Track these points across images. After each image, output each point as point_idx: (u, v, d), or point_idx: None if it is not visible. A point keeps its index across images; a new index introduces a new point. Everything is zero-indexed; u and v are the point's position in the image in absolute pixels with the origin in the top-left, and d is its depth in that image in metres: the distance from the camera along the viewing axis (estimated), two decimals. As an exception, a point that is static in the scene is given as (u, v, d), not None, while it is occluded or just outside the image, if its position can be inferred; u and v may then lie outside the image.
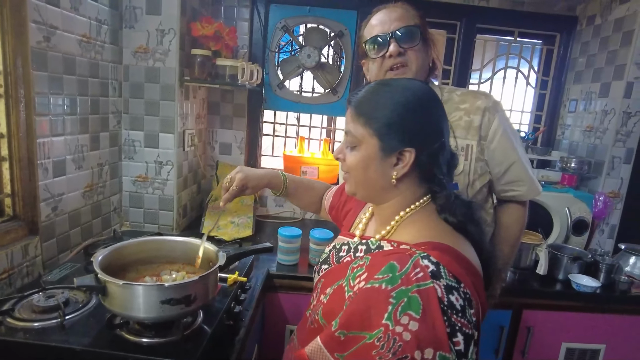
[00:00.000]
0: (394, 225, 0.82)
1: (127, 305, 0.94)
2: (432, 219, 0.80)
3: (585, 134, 2.10)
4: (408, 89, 0.78)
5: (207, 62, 1.84)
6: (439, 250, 0.70)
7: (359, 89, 0.83)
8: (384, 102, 0.77)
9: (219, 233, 1.91)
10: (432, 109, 0.79)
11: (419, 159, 0.76)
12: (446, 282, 0.65)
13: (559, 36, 2.28)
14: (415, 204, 0.81)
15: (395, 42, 1.14)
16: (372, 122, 0.77)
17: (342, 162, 0.85)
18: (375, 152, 0.77)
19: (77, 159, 1.55)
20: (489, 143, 1.19)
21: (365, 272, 0.73)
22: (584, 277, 1.75)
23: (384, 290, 0.65)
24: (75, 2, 1.45)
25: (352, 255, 0.86)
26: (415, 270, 0.65)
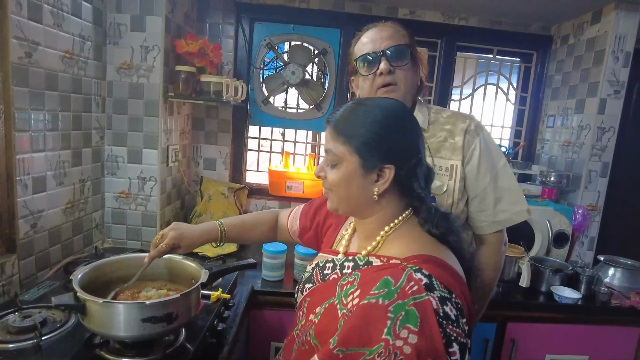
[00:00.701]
0: (379, 240, 0.83)
1: (107, 324, 0.92)
2: (416, 232, 0.82)
3: (563, 148, 2.16)
4: (384, 107, 0.81)
5: (191, 79, 1.85)
6: (430, 262, 0.72)
7: (337, 108, 0.85)
8: (362, 121, 0.79)
9: (202, 249, 1.89)
10: (408, 127, 0.82)
11: (399, 174, 0.79)
12: (440, 294, 0.67)
13: (535, 54, 2.36)
14: (399, 218, 0.83)
15: (386, 61, 1.16)
16: (352, 141, 0.79)
17: (323, 179, 0.86)
18: (356, 169, 0.79)
19: (58, 175, 1.53)
20: (466, 164, 1.21)
21: (357, 289, 0.74)
22: (565, 288, 1.77)
23: (381, 305, 0.66)
24: (58, 19, 1.45)
25: (338, 273, 0.86)
26: (410, 284, 0.67)
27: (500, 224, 1.23)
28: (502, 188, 1.23)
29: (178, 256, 1.16)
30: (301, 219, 1.22)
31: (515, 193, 1.24)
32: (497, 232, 1.24)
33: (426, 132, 1.24)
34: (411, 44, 1.21)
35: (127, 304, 0.91)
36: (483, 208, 1.22)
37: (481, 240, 1.27)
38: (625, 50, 1.90)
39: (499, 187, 1.22)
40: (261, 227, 1.28)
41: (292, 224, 1.25)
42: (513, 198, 1.24)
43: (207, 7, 2.17)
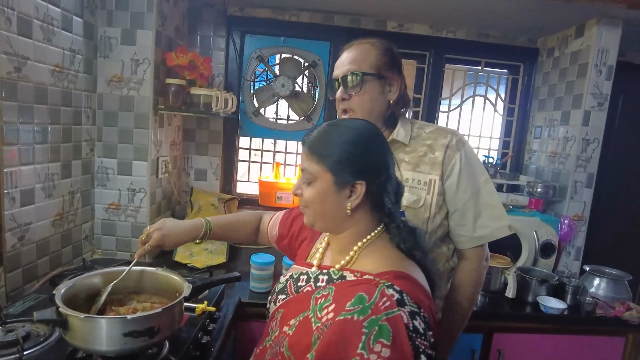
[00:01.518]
0: (353, 255, 0.87)
1: (88, 339, 0.93)
2: (388, 248, 0.87)
3: (550, 159, 2.19)
4: (354, 128, 0.87)
5: (181, 91, 1.87)
6: (401, 279, 0.76)
7: (311, 129, 0.90)
8: (334, 141, 0.85)
9: (191, 260, 1.90)
10: (377, 145, 0.88)
11: (370, 190, 0.84)
12: (410, 309, 0.71)
13: (522, 66, 2.40)
14: (371, 234, 0.88)
15: (342, 88, 1.20)
16: (325, 160, 0.85)
17: (300, 197, 0.91)
18: (329, 186, 0.85)
19: (47, 187, 1.54)
20: (446, 179, 1.22)
21: (332, 303, 0.77)
22: (551, 299, 1.79)
23: (356, 320, 0.69)
24: (48, 33, 1.47)
25: (312, 285, 0.89)
26: (382, 300, 0.71)
27: (481, 239, 1.24)
28: (484, 204, 1.23)
29: (162, 270, 1.17)
30: (280, 225, 1.24)
31: (496, 209, 1.25)
32: (477, 247, 1.25)
33: (407, 147, 1.25)
34: (381, 64, 1.19)
35: (109, 318, 0.92)
36: (463, 223, 1.24)
37: (462, 255, 1.28)
38: (607, 64, 1.93)
39: (480, 203, 1.23)
40: (246, 228, 1.31)
41: (271, 229, 1.28)
42: (494, 214, 1.24)
43: (198, 21, 2.20)
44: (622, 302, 1.77)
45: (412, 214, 1.21)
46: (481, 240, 1.25)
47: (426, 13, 2.13)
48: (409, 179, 1.22)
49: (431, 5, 1.98)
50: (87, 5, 1.68)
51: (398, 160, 1.24)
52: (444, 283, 1.30)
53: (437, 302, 1.28)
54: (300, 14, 2.21)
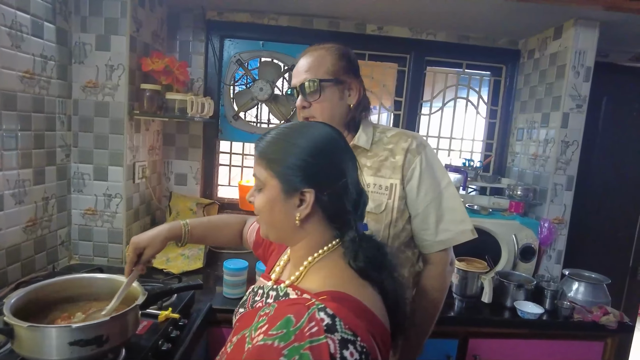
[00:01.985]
0: (302, 270, 0.82)
1: (34, 349, 0.93)
2: (338, 265, 0.80)
3: (531, 161, 2.17)
4: (308, 133, 0.82)
5: (156, 96, 1.87)
6: (338, 300, 0.69)
7: (265, 132, 0.85)
8: (285, 146, 0.80)
9: (167, 266, 1.90)
10: (331, 151, 0.81)
11: (320, 199, 0.78)
12: (341, 336, 0.64)
13: (504, 68, 2.38)
14: (324, 248, 0.82)
15: (301, 96, 1.19)
16: (273, 165, 0.80)
17: (253, 204, 0.86)
18: (277, 193, 0.80)
19: (17, 194, 1.54)
20: (407, 183, 1.21)
21: (266, 324, 0.71)
22: (528, 303, 1.77)
23: (276, 347, 0.63)
24: (16, 40, 1.47)
25: (263, 301, 0.84)
26: (310, 325, 0.64)
27: (443, 243, 1.23)
28: (445, 207, 1.22)
29: (121, 277, 1.17)
30: (257, 233, 1.21)
31: (458, 212, 1.24)
32: (441, 251, 1.24)
33: (369, 152, 1.25)
34: (338, 69, 1.19)
35: (53, 327, 0.92)
36: (425, 227, 1.23)
37: (426, 259, 1.27)
38: (585, 65, 1.91)
39: (441, 207, 1.22)
40: (229, 229, 1.28)
41: (250, 235, 1.25)
42: (456, 217, 1.23)
43: (177, 26, 2.21)
44: (600, 306, 1.74)
45: (374, 219, 1.20)
46: (444, 245, 1.24)
47: (405, 16, 2.12)
48: (370, 184, 1.22)
49: (410, 8, 1.98)
50: (59, 12, 1.69)
51: (360, 165, 1.23)
52: (409, 288, 1.29)
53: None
54: (279, 18, 2.21)
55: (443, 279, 1.27)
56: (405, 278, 1.27)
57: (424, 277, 1.27)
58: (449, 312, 1.73)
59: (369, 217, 1.19)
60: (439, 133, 2.47)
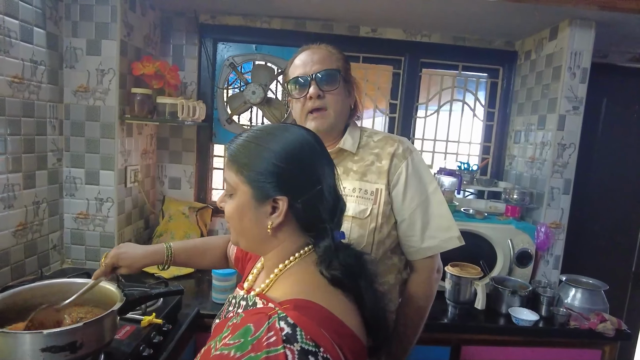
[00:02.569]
0: (272, 278, 0.78)
1: (7, 355, 0.92)
2: (308, 272, 0.77)
3: (528, 164, 2.13)
4: (281, 137, 0.78)
5: (147, 100, 1.87)
6: (300, 309, 0.66)
7: (236, 136, 0.82)
8: (256, 150, 0.76)
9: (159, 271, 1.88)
10: (306, 156, 0.78)
11: (294, 207, 0.75)
12: (301, 347, 0.60)
13: (501, 70, 2.35)
14: (295, 255, 0.78)
15: (316, 85, 1.15)
16: (244, 170, 0.76)
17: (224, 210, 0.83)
18: (248, 200, 0.76)
19: (6, 198, 1.55)
20: (392, 188, 1.19)
21: (230, 334, 0.68)
22: (523, 310, 1.73)
23: (232, 357, 0.60)
24: (5, 45, 1.48)
25: (234, 311, 0.81)
26: (268, 334, 0.61)
27: (429, 250, 1.20)
28: (432, 214, 1.20)
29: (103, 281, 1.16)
30: (238, 248, 1.17)
31: (445, 219, 1.21)
32: (427, 258, 1.21)
33: (355, 156, 1.22)
34: (343, 68, 1.20)
35: (24, 333, 0.91)
36: (411, 233, 1.20)
37: (412, 267, 1.24)
38: (582, 67, 1.88)
39: (428, 213, 1.19)
40: (212, 252, 1.26)
41: (231, 252, 1.23)
42: (443, 224, 1.20)
43: (170, 29, 2.21)
44: (597, 313, 1.70)
45: (359, 224, 1.17)
46: (430, 252, 1.21)
47: (399, 17, 2.10)
48: (356, 188, 1.19)
49: (403, 9, 1.95)
50: (50, 17, 1.70)
51: (346, 169, 1.21)
52: (395, 296, 1.26)
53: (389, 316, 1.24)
54: (272, 21, 2.20)
55: (429, 287, 1.24)
56: (391, 285, 1.24)
57: (409, 284, 1.25)
58: (441, 318, 1.70)
59: (354, 222, 1.16)
60: (435, 136, 2.44)
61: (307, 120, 1.18)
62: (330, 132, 1.20)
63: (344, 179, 1.20)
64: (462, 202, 2.14)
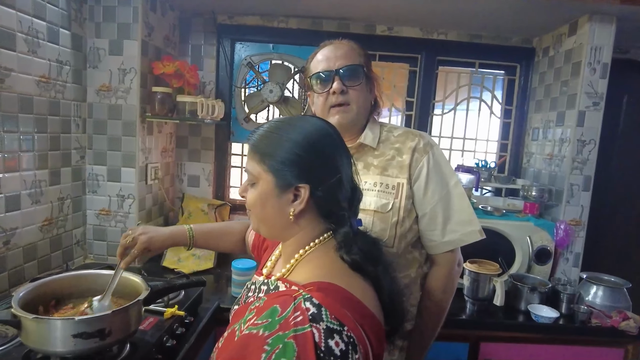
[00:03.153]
0: (293, 263, 0.81)
1: (39, 340, 0.95)
2: (328, 257, 0.79)
3: (546, 161, 2.11)
4: (301, 127, 0.80)
5: (167, 99, 1.90)
6: (324, 291, 0.68)
7: (257, 127, 0.85)
8: (278, 140, 0.79)
9: (179, 266, 1.92)
10: (326, 147, 0.80)
11: (315, 194, 0.77)
12: (327, 325, 0.63)
13: (519, 67, 2.33)
14: (315, 241, 0.81)
15: (339, 80, 1.16)
16: (267, 159, 0.78)
17: (245, 199, 0.85)
18: (271, 188, 0.78)
19: (34, 194, 1.60)
20: (414, 182, 1.19)
21: (254, 316, 0.70)
22: (543, 307, 1.72)
23: (260, 336, 0.62)
24: (33, 46, 1.53)
25: (255, 296, 0.84)
26: (295, 314, 0.63)
27: (450, 244, 1.20)
28: (453, 208, 1.20)
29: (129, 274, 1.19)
30: (255, 235, 1.21)
31: (466, 213, 1.21)
32: (448, 252, 1.21)
33: (376, 151, 1.23)
34: (366, 63, 1.21)
35: (56, 319, 0.94)
36: (432, 227, 1.20)
37: (433, 260, 1.25)
38: (602, 62, 1.85)
39: (449, 207, 1.20)
40: (231, 236, 1.29)
41: (249, 238, 1.26)
42: (464, 218, 1.20)
43: (189, 30, 2.25)
44: (619, 311, 1.68)
45: (380, 218, 1.18)
46: (450, 245, 1.21)
47: (415, 15, 2.10)
48: (377, 182, 1.20)
49: (420, 7, 1.96)
50: (74, 18, 1.75)
51: (367, 164, 1.22)
52: (416, 290, 1.27)
53: (410, 310, 1.25)
54: (289, 20, 2.23)
55: (450, 281, 1.24)
56: (412, 279, 1.24)
57: (430, 278, 1.25)
58: (459, 314, 1.70)
59: (376, 216, 1.17)
60: (452, 134, 2.44)
61: (330, 114, 1.19)
62: (352, 127, 1.21)
63: (365, 174, 1.21)
64: (480, 200, 2.13)
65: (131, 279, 1.18)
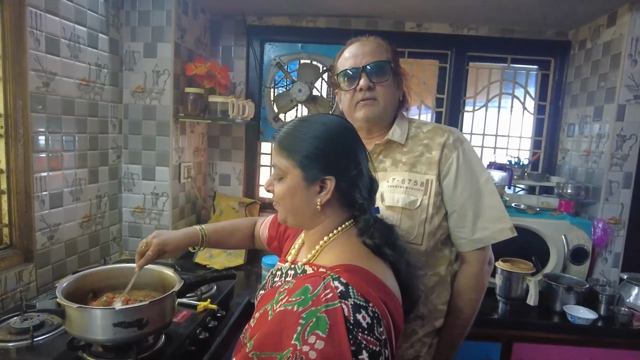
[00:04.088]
0: (318, 249, 0.87)
1: (81, 328, 1.00)
2: (351, 243, 0.85)
3: (583, 158, 2.04)
4: (324, 124, 0.86)
5: (199, 99, 1.96)
6: (350, 271, 0.75)
7: (281, 125, 0.90)
8: (303, 137, 0.85)
9: (210, 262, 1.97)
10: (347, 141, 0.87)
11: (340, 185, 0.84)
12: (354, 302, 0.69)
13: (553, 61, 2.26)
14: (337, 229, 0.87)
15: (366, 77, 1.16)
16: (294, 155, 0.84)
17: (272, 193, 0.91)
18: (299, 181, 0.84)
19: (74, 191, 1.68)
20: (443, 179, 1.18)
21: (286, 296, 0.77)
22: (580, 308, 1.66)
23: (295, 312, 0.69)
24: (75, 50, 1.61)
25: (282, 280, 0.90)
26: (325, 292, 0.70)
27: (480, 241, 1.18)
28: (483, 205, 1.18)
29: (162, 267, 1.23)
30: (270, 228, 1.25)
31: (497, 210, 1.19)
32: (478, 250, 1.19)
33: (404, 147, 1.22)
34: (393, 59, 1.21)
35: (98, 309, 0.99)
36: (462, 225, 1.19)
37: (462, 258, 1.23)
38: (643, 53, 1.78)
39: (479, 204, 1.18)
40: (239, 233, 1.34)
41: (262, 232, 1.30)
42: (495, 215, 1.18)
43: (219, 32, 2.30)
44: (663, 313, 1.60)
45: (408, 215, 1.17)
46: (481, 243, 1.19)
47: (445, 11, 2.08)
48: (405, 179, 1.19)
49: (450, 2, 1.93)
50: (112, 23, 1.82)
51: (395, 160, 1.22)
52: (446, 287, 1.25)
53: (439, 308, 1.24)
54: (317, 20, 2.24)
55: (480, 278, 1.22)
56: (442, 277, 1.23)
57: (460, 276, 1.23)
58: (491, 314, 1.66)
59: (404, 214, 1.16)
60: (483, 130, 2.39)
61: (357, 109, 1.19)
62: (379, 122, 1.21)
63: (393, 171, 1.20)
64: (513, 198, 2.08)
65: (165, 272, 1.23)
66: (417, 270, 1.18)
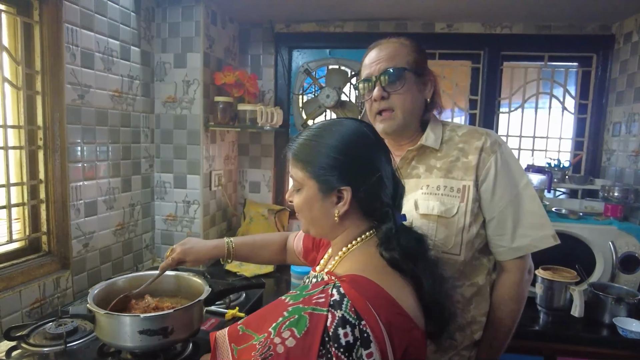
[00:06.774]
0: (337, 260, 0.86)
1: (109, 334, 1.02)
2: (368, 254, 0.82)
3: (631, 159, 1.91)
4: (337, 132, 0.84)
5: (228, 108, 1.98)
6: (353, 283, 0.72)
7: (296, 135, 0.88)
8: (316, 147, 0.83)
9: (241, 269, 1.97)
10: (363, 148, 0.84)
11: (357, 195, 0.81)
12: (342, 315, 0.67)
13: (595, 57, 2.14)
14: (357, 239, 0.85)
15: (380, 86, 1.11)
16: (308, 166, 0.83)
17: (293, 204, 0.90)
18: (315, 193, 0.83)
19: (108, 200, 1.72)
20: (481, 184, 1.12)
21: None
22: (632, 321, 1.53)
23: (285, 303, 0.71)
24: (108, 63, 1.66)
25: None
26: (319, 295, 0.70)
27: (521, 250, 1.11)
28: (523, 211, 1.11)
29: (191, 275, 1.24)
30: (304, 240, 1.22)
31: (537, 216, 1.12)
32: (518, 258, 1.12)
33: (439, 152, 1.17)
34: (415, 61, 1.14)
35: (123, 316, 1.00)
36: (501, 232, 1.12)
37: (501, 267, 1.16)
38: (696, 44, 1.65)
39: (519, 210, 1.11)
40: (271, 247, 1.31)
41: (297, 245, 1.26)
42: (535, 222, 1.11)
43: (247, 40, 2.33)
44: None
45: (445, 223, 1.12)
46: (520, 251, 1.12)
47: (476, 10, 2.01)
48: (440, 186, 1.13)
49: (481, 1, 1.87)
50: (144, 36, 1.87)
51: (429, 167, 1.17)
52: (485, 297, 1.18)
53: (478, 319, 1.17)
54: (345, 25, 2.23)
55: (520, 288, 1.15)
56: (480, 286, 1.16)
57: (499, 286, 1.16)
58: (532, 325, 1.57)
59: (439, 222, 1.11)
60: (520, 132, 2.29)
61: (376, 122, 1.16)
62: (402, 132, 1.16)
63: (427, 177, 1.15)
64: (553, 202, 1.96)
65: (193, 279, 1.23)
66: (453, 282, 1.13)
